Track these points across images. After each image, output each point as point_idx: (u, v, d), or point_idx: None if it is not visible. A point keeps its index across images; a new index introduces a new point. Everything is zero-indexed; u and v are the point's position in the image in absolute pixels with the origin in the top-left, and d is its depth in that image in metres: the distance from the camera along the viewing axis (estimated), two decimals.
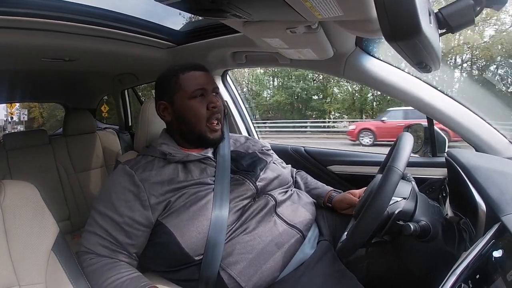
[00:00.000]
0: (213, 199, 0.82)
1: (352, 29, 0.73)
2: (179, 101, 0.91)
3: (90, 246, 0.80)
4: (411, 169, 1.05)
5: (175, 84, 0.91)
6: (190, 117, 0.90)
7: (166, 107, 0.93)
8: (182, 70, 0.92)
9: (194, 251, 0.78)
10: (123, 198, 0.82)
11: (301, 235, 0.86)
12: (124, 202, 0.81)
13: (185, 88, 0.90)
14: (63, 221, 1.75)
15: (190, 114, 0.90)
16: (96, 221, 0.82)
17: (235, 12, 0.66)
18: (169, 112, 0.93)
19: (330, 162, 1.44)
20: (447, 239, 0.74)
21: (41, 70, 1.58)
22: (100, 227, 0.81)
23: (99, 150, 2.00)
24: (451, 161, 0.86)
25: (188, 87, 0.90)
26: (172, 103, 0.92)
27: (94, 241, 0.80)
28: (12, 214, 0.71)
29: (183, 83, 0.90)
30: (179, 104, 0.91)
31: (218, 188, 0.85)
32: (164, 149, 0.90)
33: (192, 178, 0.86)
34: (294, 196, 0.96)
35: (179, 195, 0.82)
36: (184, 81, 0.90)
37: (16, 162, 1.69)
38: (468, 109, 1.04)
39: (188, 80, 0.90)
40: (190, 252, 0.78)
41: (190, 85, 0.90)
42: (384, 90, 1.11)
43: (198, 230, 0.79)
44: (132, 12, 1.18)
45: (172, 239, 0.78)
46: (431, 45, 0.46)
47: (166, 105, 0.93)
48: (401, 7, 0.39)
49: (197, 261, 0.78)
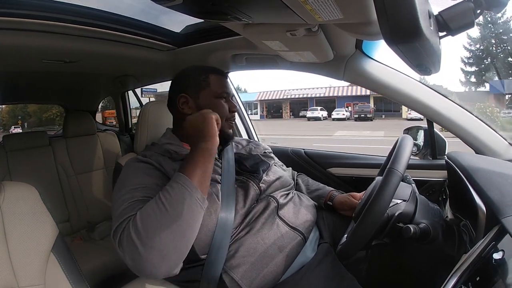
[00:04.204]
0: (221, 200, 0.82)
1: (352, 31, 0.73)
2: (206, 97, 0.94)
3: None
4: (411, 171, 1.05)
5: (204, 82, 0.95)
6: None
7: (187, 100, 0.94)
8: (211, 71, 0.98)
9: (201, 248, 0.78)
10: (145, 173, 0.81)
11: (302, 238, 0.86)
12: (147, 176, 0.79)
13: (213, 88, 0.95)
14: (63, 222, 1.75)
15: (215, 111, 0.91)
16: (131, 196, 0.73)
17: (235, 14, 0.67)
18: (189, 105, 0.94)
19: (330, 164, 1.45)
20: (447, 241, 0.74)
21: (41, 72, 1.58)
22: (139, 195, 0.74)
23: (99, 151, 2.00)
24: (451, 163, 0.86)
25: (217, 88, 0.95)
26: (196, 98, 0.94)
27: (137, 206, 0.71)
28: (12, 216, 0.71)
29: (212, 83, 0.95)
30: (205, 100, 0.94)
31: (224, 189, 0.85)
32: (169, 147, 0.92)
33: None
34: (295, 198, 0.96)
35: None
36: (213, 81, 0.96)
37: (16, 163, 1.69)
38: (467, 111, 1.04)
39: (217, 81, 0.96)
40: (197, 249, 0.77)
41: (219, 86, 0.96)
42: (384, 93, 1.11)
43: (207, 228, 0.78)
44: (133, 14, 1.19)
45: None
46: (431, 48, 0.46)
47: (187, 98, 0.94)
48: (402, 10, 0.39)
49: (201, 261, 0.78)
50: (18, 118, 16.76)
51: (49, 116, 15.21)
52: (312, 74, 1.28)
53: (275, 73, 14.35)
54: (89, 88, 2.33)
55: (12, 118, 16.54)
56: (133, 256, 0.64)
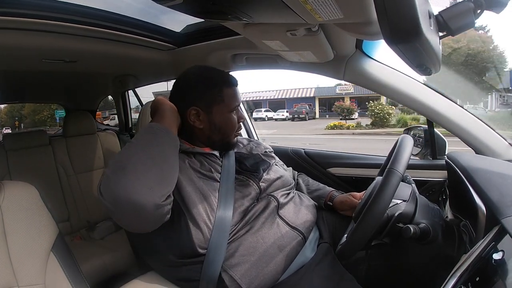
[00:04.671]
0: (218, 199, 0.82)
1: (353, 31, 0.73)
2: (219, 112, 0.92)
3: None
4: (411, 171, 1.05)
5: (217, 97, 0.91)
6: (227, 128, 0.94)
7: (199, 113, 0.91)
8: (226, 85, 0.93)
9: (200, 242, 0.77)
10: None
11: (302, 237, 0.86)
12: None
13: (227, 103, 0.92)
14: (62, 222, 1.74)
15: (228, 126, 0.94)
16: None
17: (236, 14, 0.67)
18: (201, 119, 0.91)
19: (330, 164, 1.45)
20: (447, 241, 0.74)
21: (42, 71, 1.58)
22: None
23: (99, 151, 2.00)
24: (451, 163, 0.86)
25: (231, 103, 0.93)
26: (209, 112, 0.91)
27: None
28: (12, 215, 0.71)
29: (226, 98, 0.92)
30: (219, 115, 0.92)
31: (223, 188, 0.85)
32: None
33: (202, 169, 0.87)
34: (295, 198, 0.96)
35: (193, 177, 0.83)
36: (227, 95, 0.92)
37: (16, 162, 1.69)
38: (468, 111, 1.04)
39: (231, 96, 0.93)
40: (196, 243, 0.77)
41: (233, 101, 0.93)
42: (384, 93, 1.11)
43: (205, 223, 0.78)
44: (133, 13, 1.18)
45: (183, 224, 0.78)
46: (431, 48, 0.46)
47: (199, 112, 0.90)
48: (402, 9, 0.39)
49: (200, 257, 0.78)
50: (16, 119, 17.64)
51: (41, 118, 16.45)
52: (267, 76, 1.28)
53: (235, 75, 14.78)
54: (89, 87, 2.33)
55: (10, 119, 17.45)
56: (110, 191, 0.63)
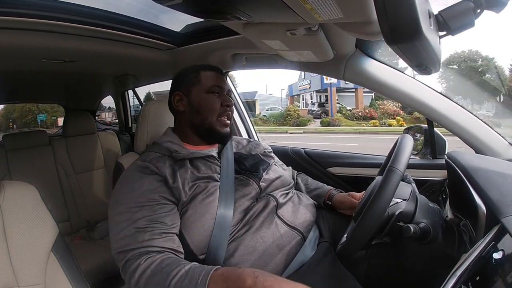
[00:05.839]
0: (219, 199, 0.83)
1: (352, 31, 0.73)
2: (196, 93, 0.96)
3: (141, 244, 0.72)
4: (411, 171, 1.05)
5: (195, 79, 0.98)
6: (204, 109, 0.95)
7: (181, 98, 0.98)
8: (204, 69, 1.00)
9: (199, 249, 0.78)
10: (143, 185, 0.80)
11: (301, 237, 0.86)
12: (145, 190, 0.79)
13: (203, 83, 0.97)
14: (62, 222, 1.75)
15: (204, 106, 0.95)
16: (130, 218, 0.75)
17: (235, 13, 0.67)
18: (183, 103, 0.97)
19: (330, 164, 1.44)
20: (447, 241, 0.74)
21: (41, 71, 1.58)
22: (139, 219, 0.74)
23: (99, 151, 2.00)
24: (451, 163, 0.86)
25: (207, 82, 0.97)
26: (188, 94, 0.97)
27: (141, 237, 0.72)
28: (12, 215, 0.71)
29: (203, 78, 0.97)
30: (196, 96, 0.96)
31: (223, 188, 0.85)
32: (170, 146, 0.92)
33: (200, 173, 0.87)
34: (294, 198, 0.96)
35: (191, 185, 0.83)
36: (204, 77, 0.98)
37: (16, 162, 1.69)
38: (468, 111, 1.04)
39: (208, 77, 0.98)
40: (195, 250, 0.78)
41: (209, 81, 0.97)
42: (384, 92, 1.11)
43: (204, 228, 0.78)
44: (132, 13, 1.18)
45: (180, 234, 0.78)
46: (431, 48, 0.46)
47: (181, 96, 0.98)
48: (402, 9, 0.39)
49: (201, 256, 0.78)
50: (10, 121, 19.24)
51: (26, 121, 18.53)
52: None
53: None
54: (89, 87, 2.33)
55: (6, 121, 19.17)
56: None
